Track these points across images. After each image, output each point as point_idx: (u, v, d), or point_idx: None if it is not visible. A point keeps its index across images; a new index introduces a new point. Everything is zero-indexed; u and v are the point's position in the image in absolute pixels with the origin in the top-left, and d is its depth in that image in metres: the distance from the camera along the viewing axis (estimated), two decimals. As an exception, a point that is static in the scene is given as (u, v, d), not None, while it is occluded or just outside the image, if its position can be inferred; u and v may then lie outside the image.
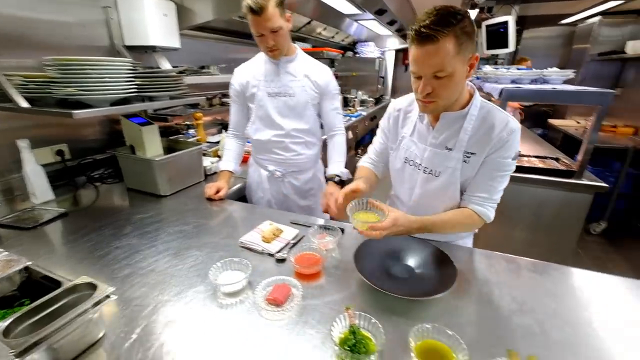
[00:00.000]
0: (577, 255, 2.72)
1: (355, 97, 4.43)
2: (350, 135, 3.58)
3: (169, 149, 1.58)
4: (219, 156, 1.91)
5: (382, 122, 1.13)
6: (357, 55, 5.01)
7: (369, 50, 4.97)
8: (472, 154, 0.91)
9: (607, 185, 1.75)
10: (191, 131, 2.15)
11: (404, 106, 1.06)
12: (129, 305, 0.78)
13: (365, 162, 1.22)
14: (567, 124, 3.79)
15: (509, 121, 0.88)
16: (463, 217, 0.96)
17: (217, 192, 1.40)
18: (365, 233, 0.85)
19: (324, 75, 1.44)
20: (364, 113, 4.06)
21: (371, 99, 4.69)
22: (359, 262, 0.88)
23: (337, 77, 1.86)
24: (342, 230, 1.12)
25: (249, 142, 1.64)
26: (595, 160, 2.14)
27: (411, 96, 1.01)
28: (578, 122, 3.73)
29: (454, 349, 0.62)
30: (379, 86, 5.02)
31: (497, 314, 0.76)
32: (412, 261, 0.94)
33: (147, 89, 1.27)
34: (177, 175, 1.49)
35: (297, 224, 1.18)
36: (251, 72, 1.43)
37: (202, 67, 2.29)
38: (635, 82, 3.51)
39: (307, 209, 1.62)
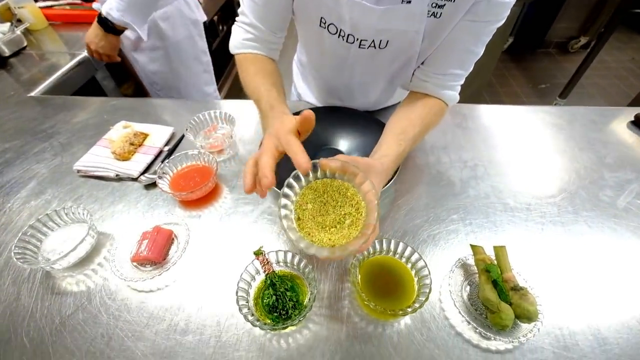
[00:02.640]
0: (488, 77, 2.83)
1: None
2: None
3: None
4: (13, 17, 1.14)
5: None
6: None
7: None
8: (446, 0, 0.48)
9: (536, -8, 1.54)
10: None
11: None
12: None
13: (245, 42, 0.59)
14: None
15: None
16: (433, 115, 0.57)
17: None
18: (335, 258, 0.38)
19: None
20: None
21: None
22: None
23: None
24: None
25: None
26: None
27: None
28: None
29: (409, 264, 0.46)
30: None
31: (449, 191, 0.60)
32: (343, 144, 0.68)
33: None
34: None
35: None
36: None
37: None
38: None
39: (171, 80, 1.16)
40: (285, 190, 0.38)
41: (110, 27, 0.90)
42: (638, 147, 0.68)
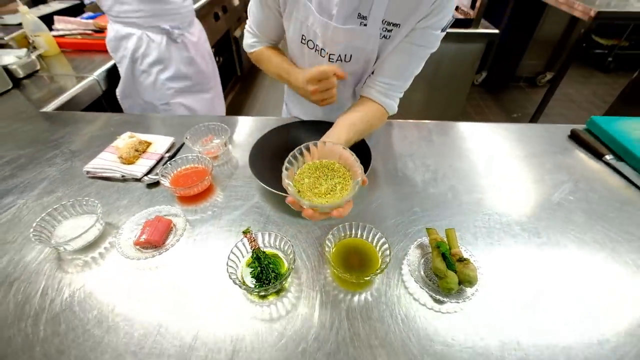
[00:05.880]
0: (463, 106, 3.06)
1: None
2: (236, 1, 2.83)
3: None
4: (29, 44, 1.26)
5: None
6: None
7: None
8: (394, 25, 0.62)
9: (497, 31, 1.76)
10: (-37, 8, 1.33)
11: None
12: None
13: (254, 44, 0.80)
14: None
15: None
16: (375, 118, 0.70)
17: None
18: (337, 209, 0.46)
19: None
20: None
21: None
22: (257, 165, 0.69)
23: None
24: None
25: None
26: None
27: None
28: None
29: (373, 242, 0.55)
30: None
31: (413, 189, 0.70)
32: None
33: None
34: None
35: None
36: None
37: None
38: None
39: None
40: (287, 164, 0.48)
41: None
42: (573, 155, 0.81)
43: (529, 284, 0.53)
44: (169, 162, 0.69)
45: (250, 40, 0.80)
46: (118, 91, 1.25)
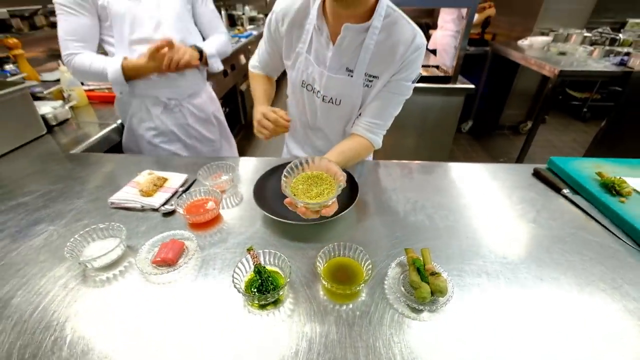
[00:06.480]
0: (452, 152, 3.26)
1: (243, 14, 3.85)
2: (243, 60, 3.18)
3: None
4: (64, 98, 1.44)
5: (267, 28, 0.90)
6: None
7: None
8: (374, 77, 0.82)
9: (474, 86, 1.99)
10: (10, 67, 1.54)
11: (296, 9, 0.81)
12: (-56, 320, 0.55)
13: (255, 66, 1.04)
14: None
15: (416, 36, 0.77)
16: (362, 148, 0.88)
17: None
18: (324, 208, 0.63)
19: None
20: (255, 32, 3.61)
21: (261, 15, 4.17)
22: (260, 196, 0.81)
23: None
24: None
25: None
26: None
27: None
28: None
29: (359, 260, 0.64)
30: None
31: (395, 218, 0.80)
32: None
33: None
34: (-5, 132, 1.07)
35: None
36: None
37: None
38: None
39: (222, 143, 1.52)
40: (285, 174, 0.62)
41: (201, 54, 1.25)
42: (536, 189, 0.92)
43: (495, 296, 0.61)
44: (183, 194, 0.80)
45: (253, 64, 1.04)
46: (122, 144, 1.36)
